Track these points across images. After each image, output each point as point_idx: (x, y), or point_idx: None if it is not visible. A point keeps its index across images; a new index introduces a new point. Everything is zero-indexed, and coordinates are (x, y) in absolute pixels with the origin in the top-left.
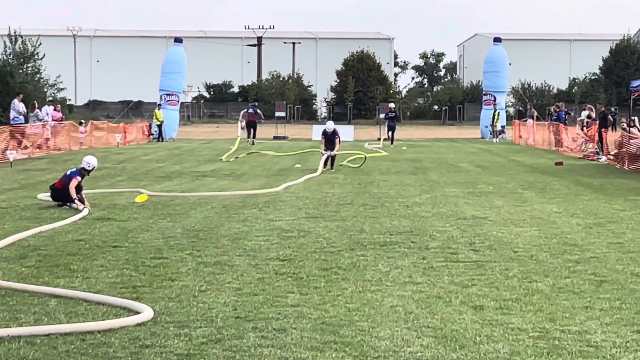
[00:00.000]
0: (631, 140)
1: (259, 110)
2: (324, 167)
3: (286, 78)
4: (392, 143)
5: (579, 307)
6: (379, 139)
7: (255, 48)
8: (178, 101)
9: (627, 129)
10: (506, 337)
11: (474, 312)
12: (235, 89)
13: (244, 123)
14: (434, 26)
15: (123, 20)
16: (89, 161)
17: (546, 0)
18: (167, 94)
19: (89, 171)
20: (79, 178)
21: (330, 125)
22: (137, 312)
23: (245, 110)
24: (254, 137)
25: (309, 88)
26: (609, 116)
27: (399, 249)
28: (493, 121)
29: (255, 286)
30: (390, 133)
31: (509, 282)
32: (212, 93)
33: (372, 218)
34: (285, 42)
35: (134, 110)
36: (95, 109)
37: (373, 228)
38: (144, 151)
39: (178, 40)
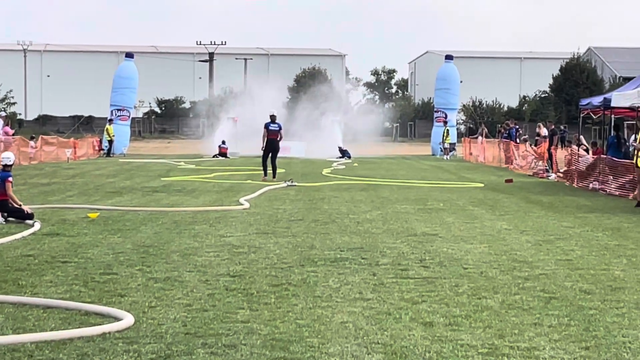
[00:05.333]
0: (580, 158)
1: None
2: (264, 177)
3: (238, 94)
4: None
5: (528, 323)
6: (342, 157)
7: (207, 64)
8: (129, 116)
9: (577, 148)
10: (455, 353)
11: (424, 329)
12: (187, 105)
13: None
14: (385, 43)
15: (74, 34)
16: (7, 156)
17: (497, 18)
18: (118, 109)
19: (10, 166)
20: (10, 179)
21: (274, 112)
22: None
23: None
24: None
25: (260, 104)
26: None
27: (350, 265)
28: (443, 138)
29: (205, 302)
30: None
31: (459, 299)
32: (163, 108)
33: (322, 234)
34: (237, 58)
35: (84, 125)
36: (45, 124)
37: (324, 244)
38: (95, 166)
39: (129, 55)
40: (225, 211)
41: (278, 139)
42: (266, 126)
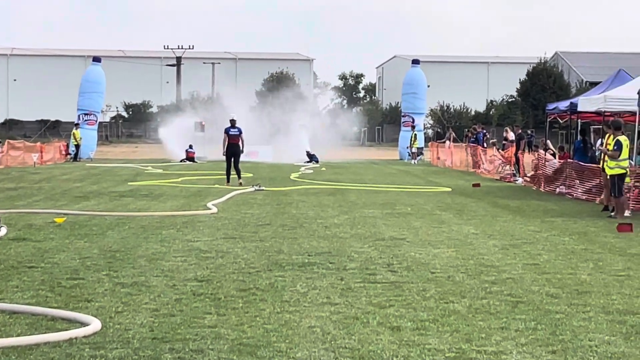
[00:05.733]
0: (547, 162)
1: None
2: (227, 183)
3: (206, 98)
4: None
5: (495, 327)
6: (310, 161)
7: (175, 68)
8: (96, 121)
9: (544, 152)
10: (423, 357)
11: (391, 333)
12: (154, 109)
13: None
14: (353, 48)
15: (41, 38)
16: None
17: (465, 23)
18: (85, 114)
19: None
20: None
21: (233, 117)
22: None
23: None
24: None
25: (228, 108)
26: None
27: (317, 269)
28: (411, 143)
29: (172, 307)
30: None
31: (426, 303)
32: (130, 113)
33: (290, 239)
34: (204, 62)
35: (51, 129)
36: (12, 128)
37: (291, 249)
38: (62, 171)
39: (96, 59)
40: (193, 216)
41: (239, 143)
42: (226, 131)
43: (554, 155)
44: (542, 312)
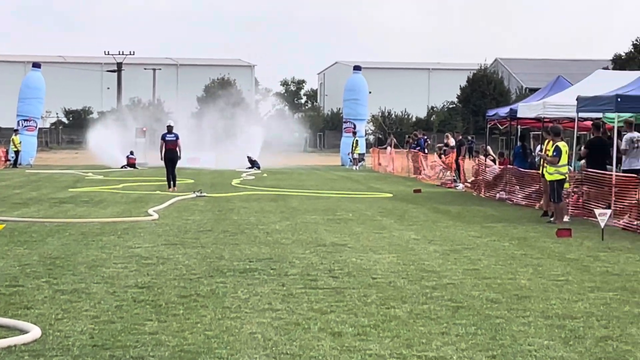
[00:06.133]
0: (487, 168)
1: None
2: (169, 188)
3: (147, 104)
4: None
5: (435, 332)
6: (252, 167)
7: (115, 74)
8: (36, 127)
9: (484, 158)
10: None
11: (333, 339)
12: (95, 115)
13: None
14: (295, 54)
15: None
16: None
17: (406, 30)
18: (25, 120)
19: None
20: None
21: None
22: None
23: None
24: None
25: (169, 114)
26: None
27: (259, 275)
28: (352, 149)
29: (112, 314)
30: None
31: (367, 309)
32: (71, 119)
33: (232, 245)
34: (145, 68)
35: None
36: None
37: (233, 255)
38: (0, 177)
39: (36, 65)
40: (134, 222)
41: (176, 149)
42: (163, 137)
43: (494, 161)
44: (482, 317)
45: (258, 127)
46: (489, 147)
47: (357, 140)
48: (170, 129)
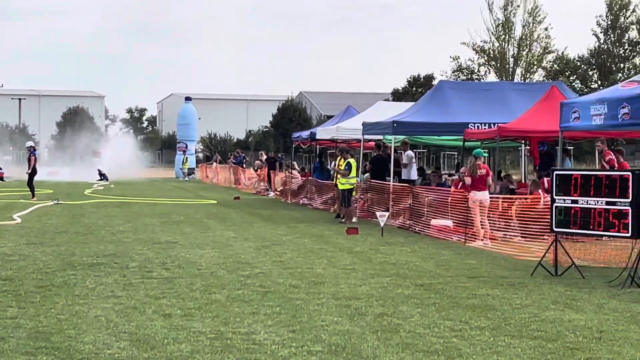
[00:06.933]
0: (293, 179)
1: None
2: (32, 198)
3: (14, 128)
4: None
5: (247, 313)
6: (101, 179)
7: None
8: None
9: (290, 171)
10: (188, 339)
11: (164, 319)
12: None
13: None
14: (138, 86)
15: None
16: None
17: (229, 65)
18: None
19: None
20: None
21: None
22: None
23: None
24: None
25: (33, 136)
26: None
27: (104, 269)
28: (182, 164)
29: None
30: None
31: (193, 294)
32: None
33: (82, 243)
34: (12, 98)
35: None
36: None
37: (83, 252)
38: None
39: None
40: (0, 226)
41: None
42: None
43: (299, 173)
44: (286, 300)
45: (107, 146)
46: (294, 162)
47: (186, 157)
48: (30, 148)
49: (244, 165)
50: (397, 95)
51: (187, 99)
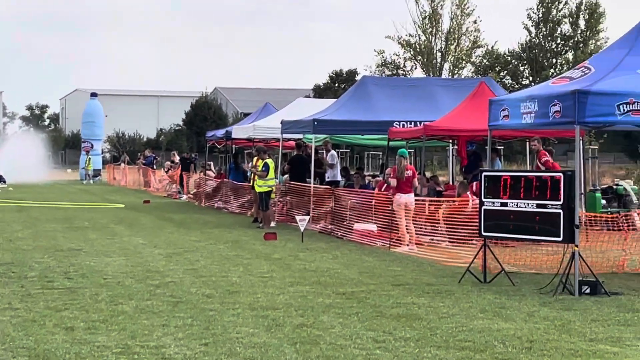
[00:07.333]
0: (207, 182)
1: None
2: None
3: None
4: None
5: (157, 325)
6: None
7: None
8: None
9: (205, 173)
10: (92, 354)
11: (66, 333)
12: None
13: None
14: (38, 81)
15: None
16: None
17: (138, 59)
18: None
19: None
20: None
21: None
22: None
23: None
24: None
25: None
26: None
27: (0, 279)
28: (86, 165)
29: None
30: None
31: (98, 305)
32: None
33: None
34: None
35: None
36: None
37: None
38: None
39: None
40: None
41: None
42: None
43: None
44: (198, 310)
45: (5, 146)
46: (211, 163)
47: (89, 158)
48: None
49: (155, 167)
50: (319, 92)
51: (93, 94)
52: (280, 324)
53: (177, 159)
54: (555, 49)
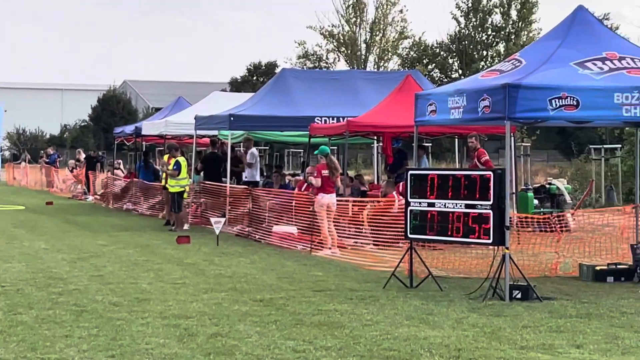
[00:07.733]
0: (116, 181)
1: None
2: None
3: None
4: None
5: (59, 335)
6: None
7: None
8: None
9: (113, 172)
10: None
11: None
12: None
13: None
14: None
15: None
16: None
17: (39, 49)
18: None
19: None
20: None
21: None
22: None
23: None
24: None
25: None
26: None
27: None
28: None
29: None
30: None
31: None
32: None
33: None
34: None
35: None
36: None
37: None
38: None
39: None
40: None
41: None
42: None
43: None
44: (105, 320)
45: None
46: (119, 162)
47: None
48: None
49: (58, 165)
50: (236, 85)
51: None
52: (193, 333)
53: (82, 157)
54: (485, 41)
